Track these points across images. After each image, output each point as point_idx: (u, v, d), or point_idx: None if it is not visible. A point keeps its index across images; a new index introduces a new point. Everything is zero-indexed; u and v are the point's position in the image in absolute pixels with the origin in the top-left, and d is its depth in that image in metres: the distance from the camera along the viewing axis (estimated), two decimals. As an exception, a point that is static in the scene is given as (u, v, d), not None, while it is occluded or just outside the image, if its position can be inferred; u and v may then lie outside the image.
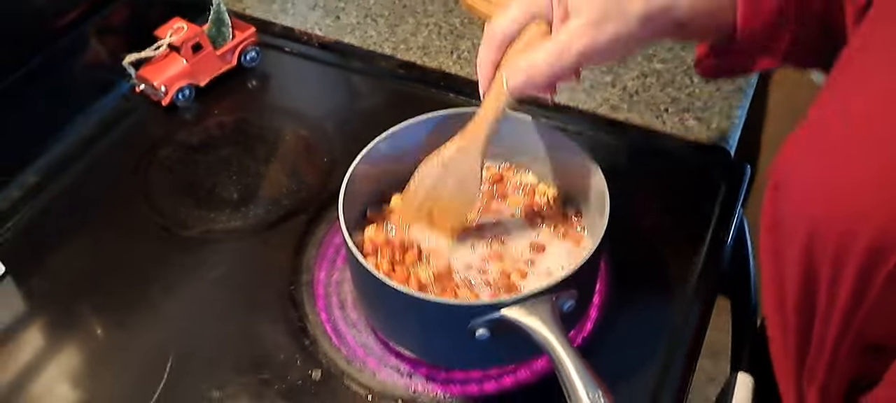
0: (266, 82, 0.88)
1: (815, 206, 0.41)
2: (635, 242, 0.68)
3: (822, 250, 0.41)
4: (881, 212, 0.37)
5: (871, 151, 0.39)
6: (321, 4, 0.94)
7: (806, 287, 0.43)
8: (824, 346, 0.43)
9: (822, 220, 0.40)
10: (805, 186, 0.42)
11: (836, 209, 0.39)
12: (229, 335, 0.63)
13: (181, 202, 0.74)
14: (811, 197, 0.41)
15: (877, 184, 0.38)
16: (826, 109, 0.44)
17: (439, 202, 0.60)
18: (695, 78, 0.82)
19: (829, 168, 0.41)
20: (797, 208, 0.42)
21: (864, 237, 0.38)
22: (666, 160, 0.76)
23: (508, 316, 0.53)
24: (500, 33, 0.54)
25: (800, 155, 0.43)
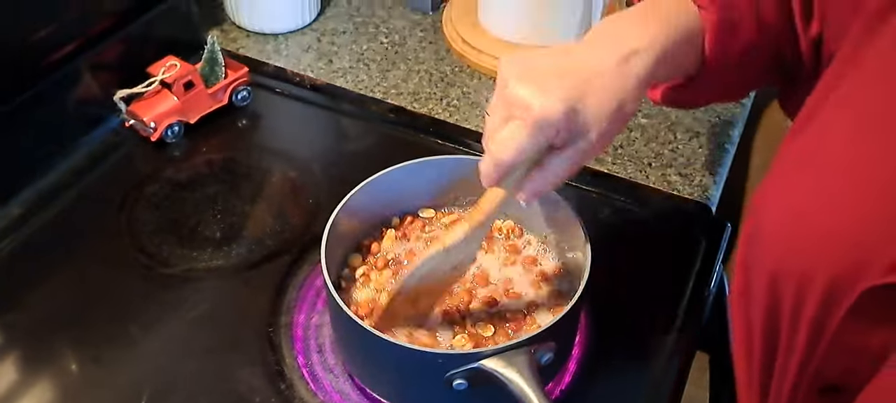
0: (256, 122, 0.88)
1: (778, 250, 0.43)
2: (616, 295, 0.68)
3: (783, 292, 0.43)
4: (836, 258, 0.40)
5: (833, 194, 0.42)
6: (315, 47, 0.96)
7: (769, 327, 0.45)
8: (784, 386, 0.45)
9: (783, 263, 0.43)
10: (770, 231, 0.44)
11: (797, 253, 0.42)
12: (205, 375, 0.63)
13: (165, 239, 0.74)
14: (775, 241, 0.44)
15: (835, 227, 0.41)
16: (793, 150, 0.47)
17: (428, 286, 0.58)
18: (678, 134, 0.83)
19: (792, 214, 0.43)
20: (763, 251, 0.45)
21: (821, 279, 0.41)
22: (648, 214, 0.76)
23: (486, 366, 0.53)
24: (517, 165, 0.51)
25: (766, 201, 0.46)
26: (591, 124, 0.50)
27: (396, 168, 0.65)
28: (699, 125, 0.84)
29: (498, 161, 0.50)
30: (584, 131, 0.50)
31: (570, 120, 0.49)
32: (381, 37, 0.97)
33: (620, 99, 0.50)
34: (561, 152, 0.51)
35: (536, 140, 0.50)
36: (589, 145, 0.51)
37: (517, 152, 0.49)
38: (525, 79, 0.50)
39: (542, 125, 0.49)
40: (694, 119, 0.85)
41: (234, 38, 0.97)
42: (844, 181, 0.42)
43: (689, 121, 0.85)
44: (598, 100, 0.50)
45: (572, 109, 0.49)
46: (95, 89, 0.82)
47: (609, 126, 0.50)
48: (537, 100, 0.49)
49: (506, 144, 0.50)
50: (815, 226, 0.42)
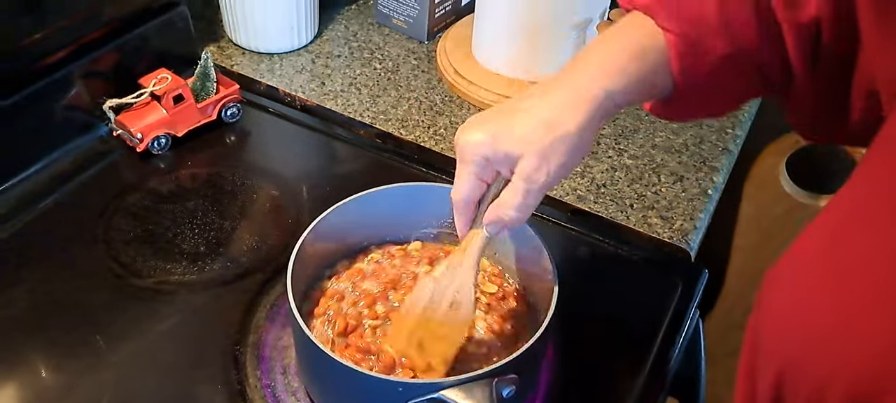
0: (244, 139, 0.89)
1: (788, 346, 0.40)
2: (587, 333, 0.68)
3: (793, 393, 0.40)
4: (858, 368, 0.36)
5: (854, 301, 0.37)
6: (308, 69, 0.96)
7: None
8: None
9: (794, 362, 0.39)
10: (779, 322, 0.41)
11: (811, 354, 0.38)
12: (167, 390, 0.62)
13: (140, 250, 0.74)
14: (785, 335, 0.40)
15: (857, 333, 0.36)
16: (808, 246, 0.42)
17: (430, 326, 0.58)
18: (662, 177, 0.83)
19: (807, 309, 0.39)
20: (771, 342, 0.42)
21: (840, 387, 0.37)
22: (626, 255, 0.76)
23: (446, 397, 0.52)
24: (467, 202, 0.56)
25: (776, 288, 0.42)
26: (521, 146, 0.51)
27: (373, 192, 0.65)
28: (684, 169, 0.84)
29: (454, 202, 0.56)
30: (515, 155, 0.52)
31: (494, 146, 0.52)
32: (375, 62, 0.98)
33: (549, 117, 0.51)
34: (511, 183, 0.53)
35: (470, 173, 0.54)
36: (530, 168, 0.51)
37: (460, 189, 0.55)
38: (465, 126, 0.54)
39: (467, 156, 0.53)
40: (679, 163, 0.85)
41: (229, 55, 0.97)
42: (875, 286, 0.37)
43: (674, 164, 0.85)
44: (524, 122, 0.52)
45: (492, 136, 0.52)
46: (86, 96, 0.83)
47: (548, 147, 0.51)
48: (462, 135, 0.53)
49: (455, 187, 0.55)
50: (837, 332, 0.37)
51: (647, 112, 0.60)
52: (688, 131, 0.89)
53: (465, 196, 0.55)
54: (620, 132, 0.88)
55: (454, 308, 0.57)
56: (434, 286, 0.58)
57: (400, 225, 0.68)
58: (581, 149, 0.53)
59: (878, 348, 0.35)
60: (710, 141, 0.88)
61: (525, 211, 0.53)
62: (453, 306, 0.57)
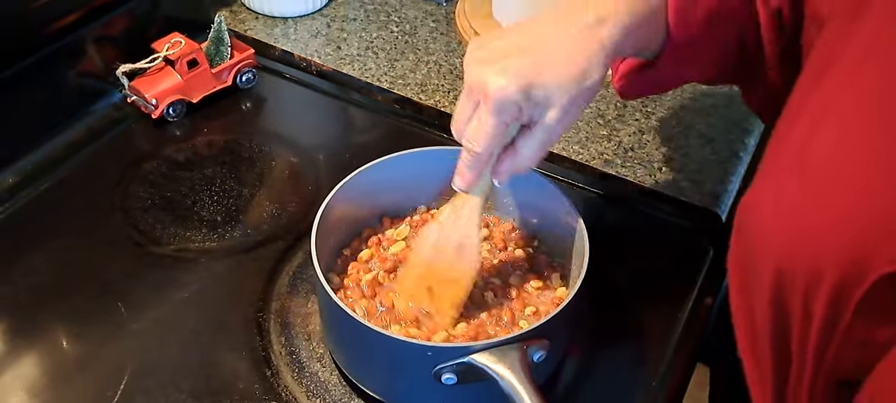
0: (260, 105, 0.87)
1: (779, 247, 0.42)
2: (617, 298, 0.66)
3: (790, 289, 0.42)
4: (844, 249, 0.39)
5: (830, 192, 0.40)
6: (324, 33, 0.94)
7: (778, 326, 0.43)
8: (801, 383, 0.44)
9: (787, 260, 0.41)
10: (768, 228, 0.43)
11: (801, 248, 0.41)
12: (190, 357, 0.61)
13: (158, 218, 0.72)
14: (775, 238, 0.42)
15: (837, 223, 0.40)
16: (783, 151, 0.45)
17: (438, 273, 0.57)
18: (691, 139, 0.81)
19: (791, 209, 0.42)
20: (762, 250, 0.43)
21: (831, 273, 0.39)
22: (655, 219, 0.74)
23: (476, 361, 0.51)
24: (488, 154, 0.53)
25: (760, 198, 0.44)
26: (552, 98, 0.50)
27: (394, 156, 0.64)
28: (713, 131, 0.82)
29: (473, 154, 0.52)
30: (545, 105, 0.50)
31: (528, 97, 0.50)
32: (392, 25, 0.96)
33: (582, 69, 0.50)
34: (529, 131, 0.52)
35: (500, 123, 0.51)
36: (554, 121, 0.51)
37: (486, 141, 0.51)
38: (483, 62, 0.50)
39: (500, 107, 0.50)
40: (708, 125, 0.83)
41: (242, 19, 0.95)
42: (846, 174, 0.40)
43: (703, 126, 0.82)
44: (556, 73, 0.50)
45: (528, 85, 0.49)
46: (98, 62, 0.81)
47: (573, 98, 0.50)
48: (492, 82, 0.49)
49: (475, 136, 0.51)
50: (820, 221, 0.40)
51: (617, 92, 0.59)
52: (717, 92, 0.86)
53: (492, 146, 0.52)
54: (646, 94, 0.86)
55: (460, 252, 0.57)
56: (439, 231, 0.57)
57: (423, 190, 0.67)
58: (593, 97, 0.53)
59: (856, 224, 0.39)
60: (739, 101, 0.85)
61: (538, 159, 0.53)
62: (459, 250, 0.57)
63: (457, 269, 0.57)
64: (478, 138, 0.51)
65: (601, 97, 0.86)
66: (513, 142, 0.53)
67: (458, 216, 0.56)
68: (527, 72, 0.49)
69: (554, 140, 0.53)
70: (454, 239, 0.57)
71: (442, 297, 0.57)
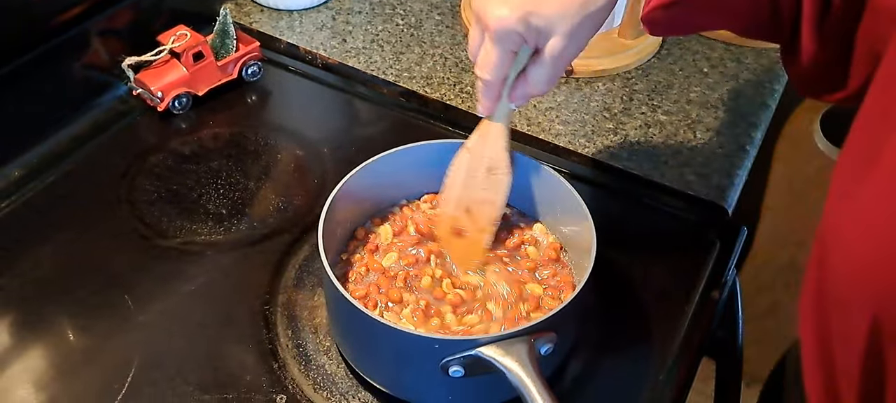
0: (265, 98, 0.87)
1: (879, 284, 0.37)
2: (623, 292, 0.66)
3: (891, 336, 0.37)
4: None
5: None
6: (329, 26, 0.94)
7: (871, 371, 0.39)
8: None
9: (890, 300, 0.37)
10: (865, 267, 0.38)
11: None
12: (197, 350, 0.61)
13: (165, 211, 0.72)
14: (873, 272, 0.37)
15: None
16: (878, 172, 0.39)
17: (473, 193, 0.61)
18: (698, 132, 0.81)
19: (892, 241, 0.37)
20: (854, 285, 0.39)
21: None
22: (662, 213, 0.74)
23: (484, 354, 0.51)
24: (500, 79, 0.55)
25: (854, 229, 0.39)
26: (553, 25, 0.50)
27: (400, 150, 0.64)
28: (720, 125, 0.82)
29: (483, 81, 0.55)
30: (548, 32, 0.51)
31: (529, 24, 0.50)
32: (398, 18, 0.95)
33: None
34: (538, 58, 0.53)
35: (504, 52, 0.52)
36: (559, 48, 0.51)
37: (493, 69, 0.53)
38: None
39: (502, 36, 0.51)
40: (715, 118, 0.82)
41: (247, 12, 0.95)
42: None
43: (710, 120, 0.82)
44: (559, 1, 0.50)
45: (527, 14, 0.50)
46: (103, 55, 0.81)
47: (577, 25, 0.50)
48: (493, 12, 0.51)
49: (483, 64, 0.54)
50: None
51: (643, 23, 0.56)
52: (724, 86, 0.86)
53: (500, 74, 0.54)
54: (653, 88, 0.86)
55: (491, 172, 0.60)
56: (469, 156, 0.60)
57: (429, 183, 0.66)
58: (603, 22, 0.53)
59: None
60: (746, 95, 0.85)
61: (552, 84, 0.55)
62: (490, 170, 0.60)
63: (490, 188, 0.60)
64: (486, 66, 0.54)
65: (607, 91, 0.85)
66: (524, 69, 0.55)
67: (484, 141, 0.60)
68: (526, 2, 0.50)
69: (563, 65, 0.54)
70: (484, 162, 0.60)
71: (479, 215, 0.61)
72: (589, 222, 0.58)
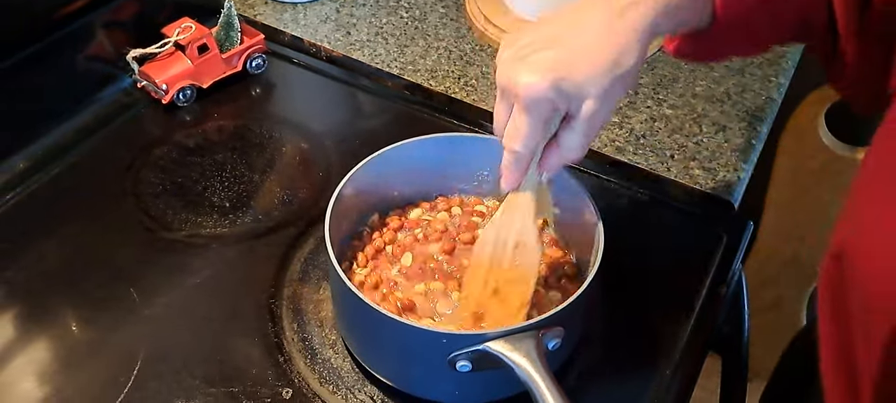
0: (270, 90, 0.87)
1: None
2: (630, 286, 0.66)
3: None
4: None
5: None
6: (333, 18, 0.94)
7: (889, 374, 0.39)
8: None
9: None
10: (890, 278, 0.37)
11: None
12: (202, 343, 0.61)
13: (169, 203, 0.72)
14: None
15: None
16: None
17: (501, 272, 0.56)
18: (704, 127, 0.80)
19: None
20: (878, 293, 0.38)
21: None
22: (668, 207, 0.74)
23: (491, 348, 0.51)
24: (529, 152, 0.52)
25: (882, 240, 0.38)
26: (585, 90, 0.49)
27: (407, 143, 0.63)
28: (726, 119, 0.81)
29: (513, 153, 0.51)
30: (581, 97, 0.49)
31: (560, 90, 0.48)
32: (402, 11, 0.95)
33: (614, 57, 0.48)
34: (568, 124, 0.51)
35: (536, 121, 0.50)
36: (591, 112, 0.49)
37: (524, 139, 0.50)
38: (513, 60, 0.49)
39: (533, 104, 0.49)
40: (721, 112, 0.82)
41: (252, 4, 0.95)
42: None
43: (716, 114, 0.82)
44: (587, 65, 0.48)
45: (559, 79, 0.48)
46: (108, 47, 0.81)
47: (608, 87, 0.49)
48: (521, 80, 0.48)
49: (514, 136, 0.51)
50: None
51: (670, 54, 0.56)
52: (730, 80, 0.86)
53: (531, 144, 0.51)
54: (659, 81, 0.85)
55: (520, 248, 0.56)
56: (496, 232, 0.56)
57: (436, 177, 0.66)
58: (635, 81, 0.51)
59: None
60: (752, 89, 0.85)
61: (585, 149, 0.52)
62: (519, 247, 0.56)
63: (519, 267, 0.56)
64: (516, 138, 0.51)
65: (613, 84, 0.85)
66: (555, 136, 0.52)
67: (512, 215, 0.56)
68: (556, 66, 0.48)
69: (596, 129, 0.51)
70: (512, 238, 0.56)
71: (510, 295, 0.56)
72: (596, 217, 0.58)
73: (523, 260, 0.56)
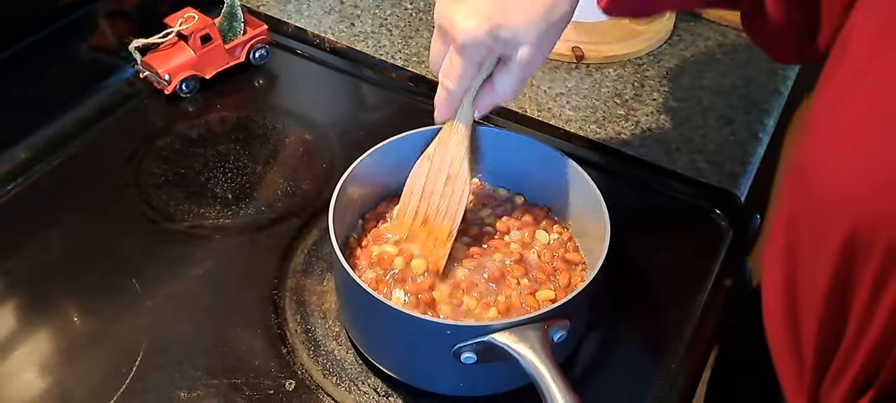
0: (273, 82, 0.86)
1: (857, 211, 0.38)
2: (636, 279, 0.65)
3: (864, 259, 0.38)
4: None
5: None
6: (337, 9, 0.93)
7: (835, 302, 0.41)
8: (859, 348, 0.41)
9: (866, 226, 0.38)
10: (845, 188, 0.39)
11: (888, 213, 0.37)
12: (205, 334, 0.61)
13: (172, 194, 0.72)
14: (853, 200, 0.38)
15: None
16: (858, 101, 0.40)
17: (432, 203, 0.59)
18: (710, 119, 0.80)
19: (878, 168, 0.38)
20: (834, 212, 0.39)
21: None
22: (674, 200, 0.73)
23: (497, 340, 0.50)
24: (462, 90, 0.55)
25: (834, 153, 0.40)
26: (521, 36, 0.50)
27: (410, 134, 0.63)
28: (732, 112, 0.81)
29: (447, 90, 0.54)
30: (516, 43, 0.51)
31: (497, 36, 0.50)
32: (406, 2, 0.94)
33: (548, 4, 0.50)
34: (504, 67, 0.53)
35: (471, 63, 0.52)
36: (527, 57, 0.51)
37: (458, 79, 0.53)
38: (451, 2, 0.51)
39: (469, 48, 0.51)
40: (727, 105, 0.81)
41: (255, -5, 0.94)
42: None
43: (722, 107, 0.81)
44: (523, 11, 0.50)
45: (495, 26, 0.50)
46: (110, 36, 0.80)
47: (543, 33, 0.50)
48: (459, 23, 0.50)
49: (448, 75, 0.53)
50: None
51: (601, 9, 0.56)
52: (736, 72, 0.85)
53: (465, 84, 0.54)
54: (665, 74, 0.85)
55: (451, 181, 0.58)
56: (429, 164, 0.59)
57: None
58: (564, 29, 0.52)
59: None
60: (759, 82, 0.84)
61: (519, 91, 0.55)
62: (449, 179, 0.58)
63: (448, 198, 0.58)
64: (451, 76, 0.53)
65: (618, 76, 0.85)
66: (490, 77, 0.55)
67: (445, 148, 0.58)
68: (493, 13, 0.50)
69: (530, 74, 0.54)
70: (444, 170, 0.58)
71: (437, 228, 0.58)
72: (602, 209, 0.57)
73: (453, 192, 0.58)
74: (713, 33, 0.90)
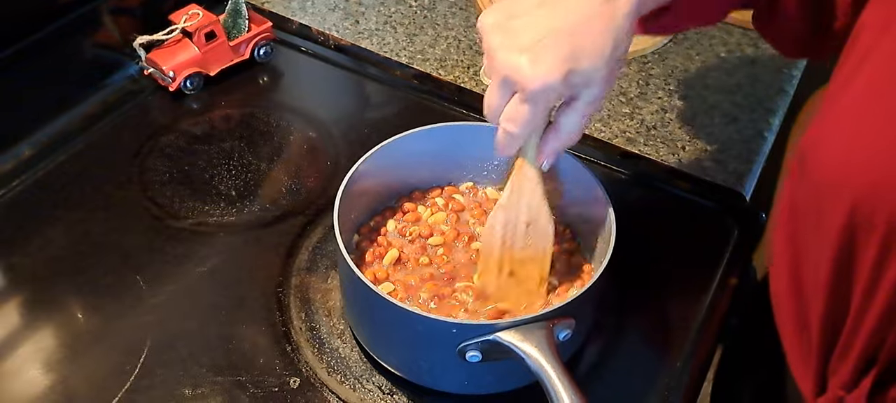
0: (277, 79, 0.86)
1: (859, 187, 0.39)
2: (641, 278, 0.65)
3: (865, 236, 0.39)
4: None
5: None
6: (341, 7, 0.93)
7: (839, 279, 0.41)
8: (862, 326, 0.41)
9: (867, 203, 0.38)
10: (846, 165, 0.40)
11: (888, 190, 0.38)
12: (209, 331, 0.61)
13: (177, 191, 0.72)
14: (855, 177, 0.39)
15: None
16: (859, 78, 0.41)
17: (515, 253, 0.56)
18: (715, 118, 0.80)
19: (877, 145, 0.39)
20: (836, 190, 0.40)
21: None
22: (679, 198, 0.73)
23: (502, 339, 0.50)
24: (521, 138, 0.52)
25: (836, 133, 0.41)
26: (591, 76, 0.49)
27: (416, 132, 0.63)
28: (738, 110, 0.80)
29: (511, 134, 0.51)
30: (586, 85, 0.49)
31: (570, 81, 0.48)
32: (411, 0, 0.94)
33: (613, 43, 0.48)
34: (569, 108, 0.51)
35: (540, 109, 0.50)
36: (595, 96, 0.50)
37: (525, 126, 0.50)
38: (514, 48, 0.48)
39: (541, 95, 0.48)
40: (732, 104, 0.81)
41: (259, -7, 0.94)
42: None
43: (728, 105, 0.81)
44: (592, 51, 0.48)
45: (570, 71, 0.48)
46: (115, 33, 0.80)
47: (609, 72, 0.49)
48: (532, 70, 0.47)
49: (513, 119, 0.50)
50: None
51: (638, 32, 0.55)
52: (741, 71, 0.85)
53: (531, 128, 0.51)
54: (670, 72, 0.85)
55: (532, 226, 0.55)
56: (505, 214, 0.55)
57: (444, 166, 0.66)
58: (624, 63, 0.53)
59: None
60: (764, 81, 0.84)
61: (583, 131, 0.53)
62: (530, 225, 0.55)
63: (532, 245, 0.56)
64: (515, 121, 0.50)
65: (623, 75, 0.84)
66: (554, 122, 0.52)
67: (520, 195, 0.55)
68: (564, 55, 0.47)
69: (596, 111, 0.53)
70: (522, 217, 0.55)
71: (526, 277, 0.56)
72: (608, 208, 0.57)
73: (536, 236, 0.55)
74: (718, 31, 0.90)
